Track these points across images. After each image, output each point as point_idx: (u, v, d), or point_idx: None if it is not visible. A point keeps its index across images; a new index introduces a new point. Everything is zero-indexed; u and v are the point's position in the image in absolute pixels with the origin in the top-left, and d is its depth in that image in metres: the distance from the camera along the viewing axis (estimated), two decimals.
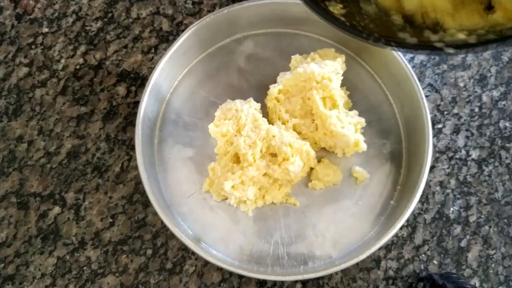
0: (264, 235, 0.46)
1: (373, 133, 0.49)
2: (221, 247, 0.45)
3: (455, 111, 0.52)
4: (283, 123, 0.47)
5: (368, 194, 0.47)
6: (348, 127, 0.45)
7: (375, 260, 0.47)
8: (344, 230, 0.46)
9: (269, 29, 0.52)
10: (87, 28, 0.54)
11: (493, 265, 0.47)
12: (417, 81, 0.45)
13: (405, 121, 0.49)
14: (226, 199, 0.46)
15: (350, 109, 0.49)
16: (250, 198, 0.45)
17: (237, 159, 0.45)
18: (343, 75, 0.47)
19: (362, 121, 0.47)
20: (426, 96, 0.51)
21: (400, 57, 0.46)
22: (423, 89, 0.51)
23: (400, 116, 0.49)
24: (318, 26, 0.50)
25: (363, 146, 0.46)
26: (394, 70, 0.47)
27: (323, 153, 0.48)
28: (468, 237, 0.48)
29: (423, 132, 0.45)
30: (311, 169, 0.47)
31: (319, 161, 0.48)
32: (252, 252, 0.45)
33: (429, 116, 0.45)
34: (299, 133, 0.47)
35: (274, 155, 0.45)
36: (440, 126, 0.51)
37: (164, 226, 0.47)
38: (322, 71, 0.45)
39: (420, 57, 0.53)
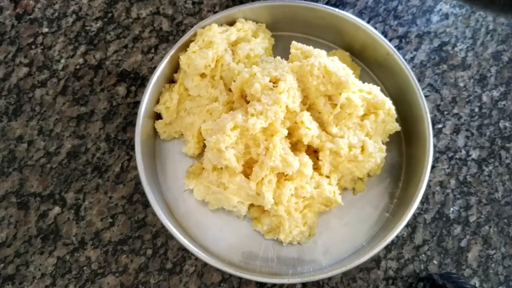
0: (255, 237, 0.46)
1: None
2: (214, 246, 0.45)
3: (455, 111, 0.52)
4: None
5: (364, 204, 0.47)
6: (375, 156, 0.44)
7: (375, 260, 0.47)
8: (336, 238, 0.46)
9: (279, 32, 0.51)
10: (87, 28, 0.54)
11: (493, 265, 0.47)
12: (416, 81, 0.45)
13: (404, 121, 0.48)
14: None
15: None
16: (243, 210, 0.45)
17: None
18: None
19: (383, 148, 0.45)
20: (426, 96, 0.51)
21: (399, 57, 0.46)
22: (423, 89, 0.51)
23: (400, 117, 0.48)
24: (328, 32, 0.50)
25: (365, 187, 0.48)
26: (394, 71, 0.47)
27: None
28: (468, 237, 0.48)
29: (423, 135, 0.45)
30: None
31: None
32: (243, 252, 0.45)
33: (429, 117, 0.45)
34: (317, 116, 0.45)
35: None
36: (440, 126, 0.51)
37: (164, 226, 0.47)
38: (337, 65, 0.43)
39: (420, 57, 0.53)
